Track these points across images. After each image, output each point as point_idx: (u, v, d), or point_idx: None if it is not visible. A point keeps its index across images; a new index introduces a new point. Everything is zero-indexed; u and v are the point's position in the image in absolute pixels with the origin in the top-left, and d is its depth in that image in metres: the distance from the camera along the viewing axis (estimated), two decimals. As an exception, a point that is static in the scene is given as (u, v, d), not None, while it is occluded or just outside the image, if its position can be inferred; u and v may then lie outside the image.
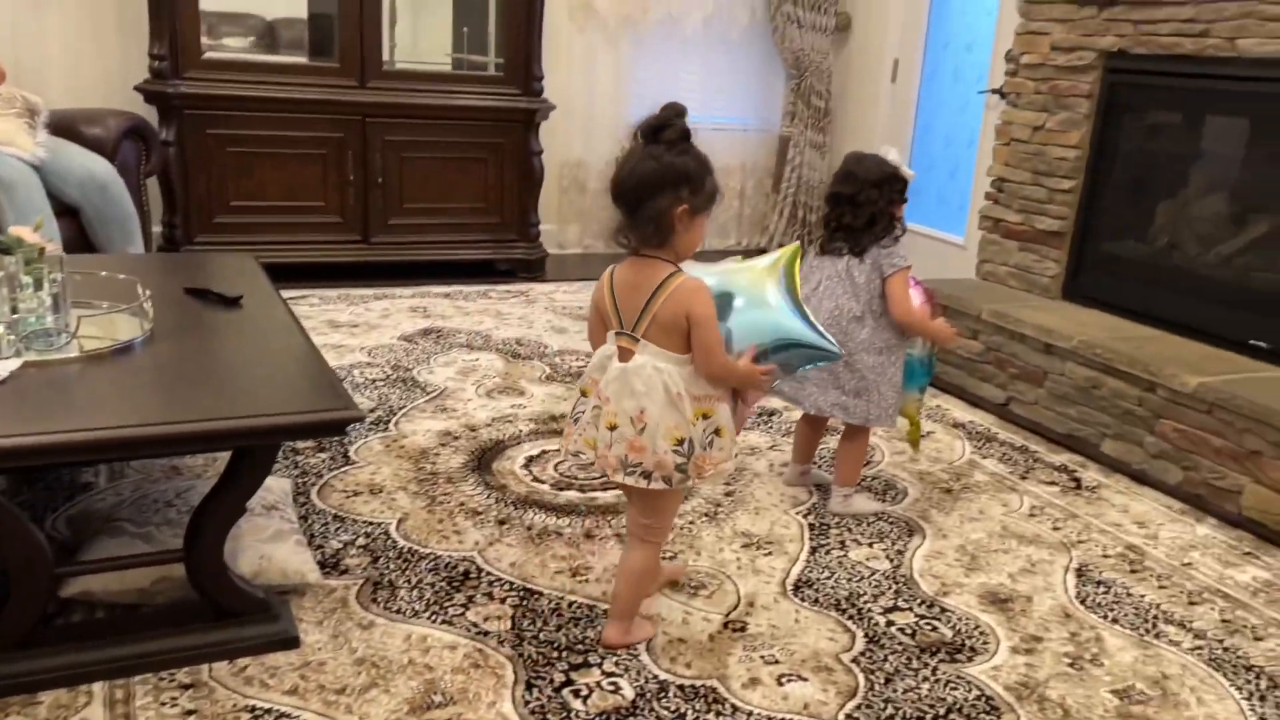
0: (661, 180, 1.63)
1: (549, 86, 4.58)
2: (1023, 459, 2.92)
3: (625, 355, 1.71)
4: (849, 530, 2.39)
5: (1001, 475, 2.79)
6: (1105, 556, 2.35)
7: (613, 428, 1.70)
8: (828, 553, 2.27)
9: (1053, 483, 2.76)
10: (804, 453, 2.61)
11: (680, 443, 1.68)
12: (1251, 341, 2.97)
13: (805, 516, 2.45)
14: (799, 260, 1.91)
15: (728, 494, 2.53)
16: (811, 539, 2.33)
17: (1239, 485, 2.63)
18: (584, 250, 5.26)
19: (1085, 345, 3.08)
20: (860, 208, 2.32)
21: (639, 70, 5.14)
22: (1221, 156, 3.32)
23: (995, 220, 3.88)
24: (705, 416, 1.71)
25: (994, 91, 4.16)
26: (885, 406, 2.38)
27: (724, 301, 1.78)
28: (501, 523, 2.29)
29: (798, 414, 2.64)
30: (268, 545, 1.99)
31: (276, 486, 2.27)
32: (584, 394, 1.79)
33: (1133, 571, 2.28)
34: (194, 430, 1.58)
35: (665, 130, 1.65)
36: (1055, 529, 2.47)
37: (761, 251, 2.22)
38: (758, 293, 1.85)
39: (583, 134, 5.07)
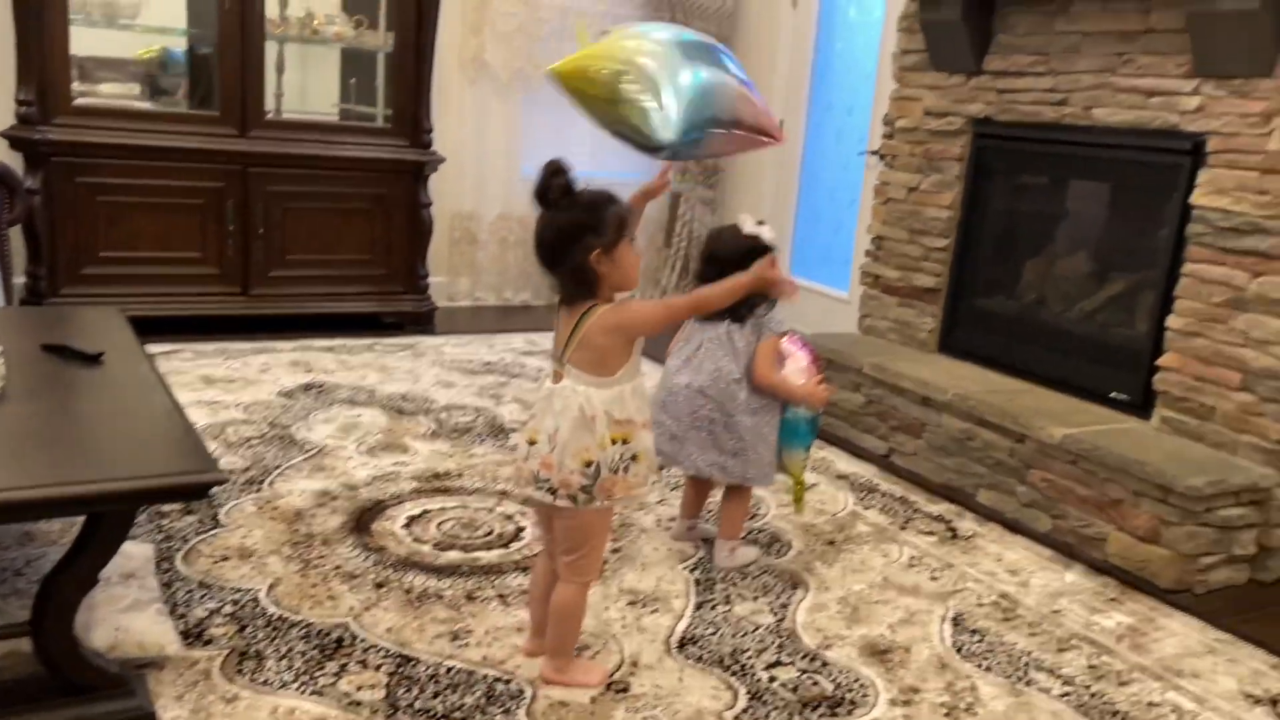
0: (561, 239, 1.73)
1: (440, 138, 4.57)
2: (903, 509, 2.99)
3: (555, 377, 1.81)
4: (734, 585, 2.40)
5: (883, 526, 2.84)
6: (980, 605, 2.41)
7: (532, 443, 1.80)
8: (713, 608, 2.27)
9: (931, 532, 2.83)
10: (692, 507, 2.61)
11: (588, 465, 1.75)
12: (1112, 394, 3.11)
13: (692, 572, 2.44)
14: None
15: (614, 550, 2.51)
16: (697, 595, 2.33)
17: (1103, 533, 2.74)
18: (474, 303, 5.21)
19: (960, 398, 3.18)
20: None
21: (532, 124, 5.17)
22: (1082, 217, 3.50)
23: (875, 276, 4.00)
24: (624, 441, 1.78)
25: (873, 153, 4.32)
26: (762, 466, 2.43)
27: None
28: (379, 586, 2.22)
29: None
30: (125, 616, 1.89)
31: (137, 553, 2.16)
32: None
33: (1005, 619, 2.35)
34: (41, 496, 1.50)
35: (548, 194, 1.73)
36: (933, 579, 2.53)
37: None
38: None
39: (475, 186, 5.06)
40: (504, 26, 4.91)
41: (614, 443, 1.77)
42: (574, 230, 1.72)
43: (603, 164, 5.35)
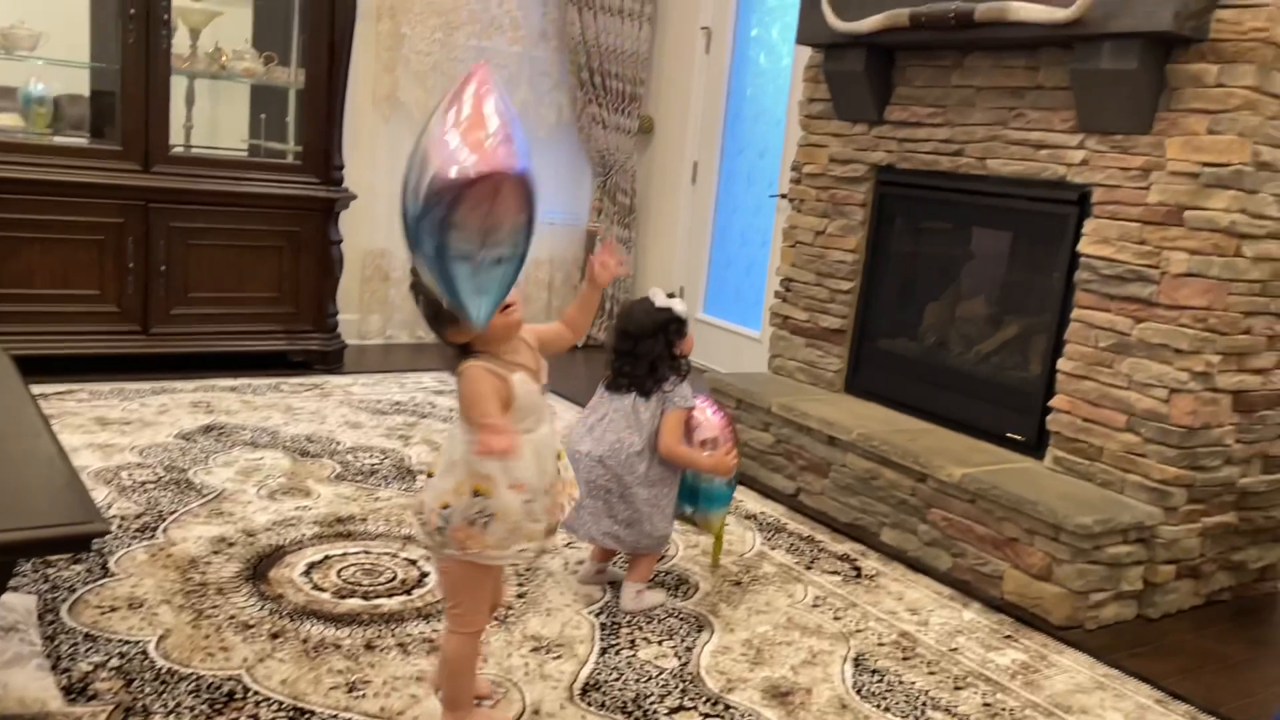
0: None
1: (352, 175, 4.53)
2: (809, 549, 3.03)
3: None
4: (639, 628, 2.40)
5: (789, 566, 2.88)
6: (880, 644, 2.45)
7: (430, 475, 1.80)
8: (618, 653, 2.27)
9: (835, 572, 2.87)
10: (602, 551, 2.62)
11: (445, 507, 1.72)
12: (1009, 434, 3.22)
13: (598, 616, 2.44)
14: None
15: (520, 595, 2.49)
16: (602, 639, 2.32)
17: (1000, 571, 2.82)
18: (386, 341, 5.16)
19: (864, 438, 3.25)
20: (639, 359, 2.42)
21: (445, 163, 5.16)
22: (981, 263, 3.63)
23: (784, 317, 4.07)
24: (480, 494, 1.71)
25: (782, 196, 4.42)
26: (655, 537, 2.49)
27: None
28: (275, 636, 2.17)
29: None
30: (4, 671, 1.82)
31: (18, 604, 2.07)
32: None
33: (905, 659, 2.39)
34: (-94, 551, 1.43)
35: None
36: (836, 618, 2.56)
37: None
38: None
39: (387, 224, 5.02)
40: (418, 65, 4.91)
41: (474, 494, 1.71)
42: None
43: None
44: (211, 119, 4.63)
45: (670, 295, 2.50)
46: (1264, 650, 2.68)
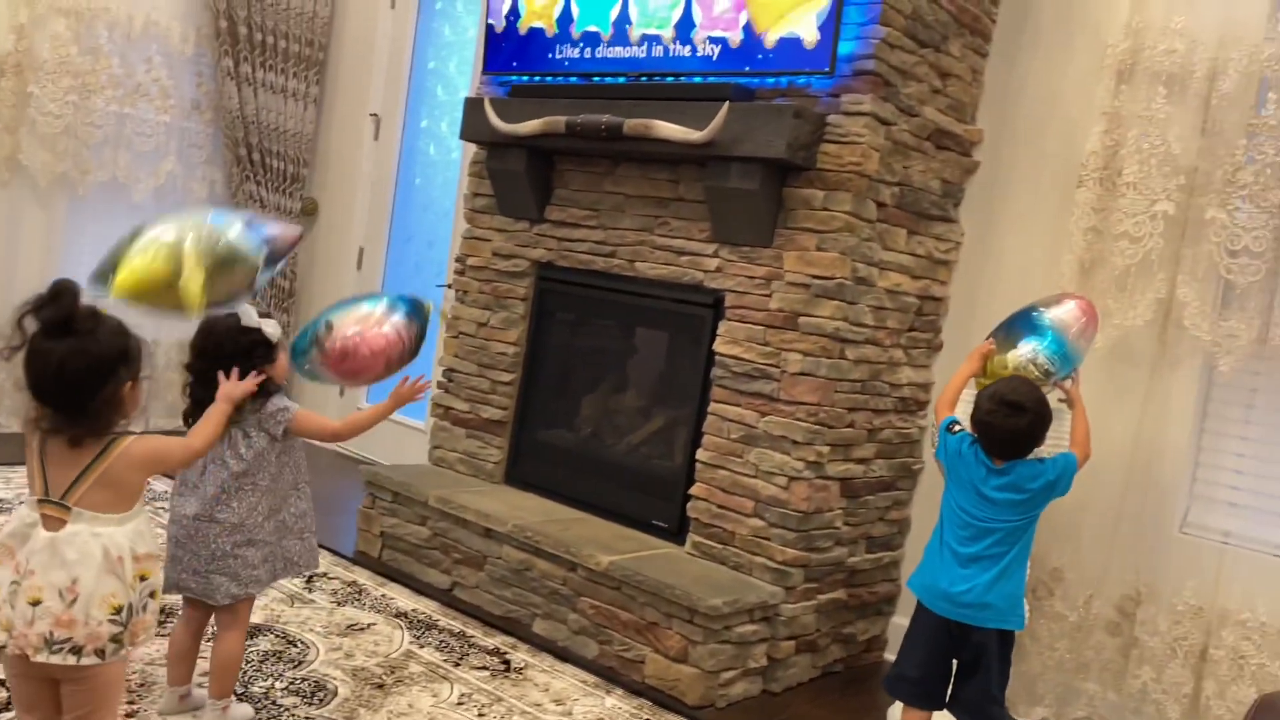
0: (95, 371, 1.62)
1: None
2: (459, 645, 2.98)
3: (52, 524, 1.64)
4: (267, 743, 2.22)
5: (436, 664, 2.81)
6: (524, 739, 2.44)
7: (36, 603, 1.60)
8: (239, 773, 2.09)
9: (484, 667, 2.84)
10: (181, 667, 2.33)
11: (118, 610, 1.64)
12: (654, 521, 3.38)
13: (220, 732, 2.23)
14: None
15: (129, 715, 2.23)
16: (222, 759, 2.13)
17: (642, 655, 2.92)
18: (-8, 429, 4.54)
19: (519, 529, 3.28)
20: (211, 384, 2.08)
21: (79, 234, 4.71)
22: (632, 358, 3.83)
23: (446, 408, 4.05)
24: (143, 578, 1.69)
25: (449, 286, 4.44)
26: (291, 559, 2.35)
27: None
28: None
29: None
30: None
31: None
32: None
33: (546, 751, 2.40)
34: None
35: (73, 320, 1.62)
36: (480, 715, 2.53)
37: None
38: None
39: (2, 298, 4.47)
40: (47, 128, 4.47)
41: (141, 579, 1.67)
42: (114, 360, 1.64)
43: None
44: None
45: (264, 315, 2.23)
46: (869, 716, 2.96)
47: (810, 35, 2.98)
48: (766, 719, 2.81)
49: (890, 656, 3.30)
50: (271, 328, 2.23)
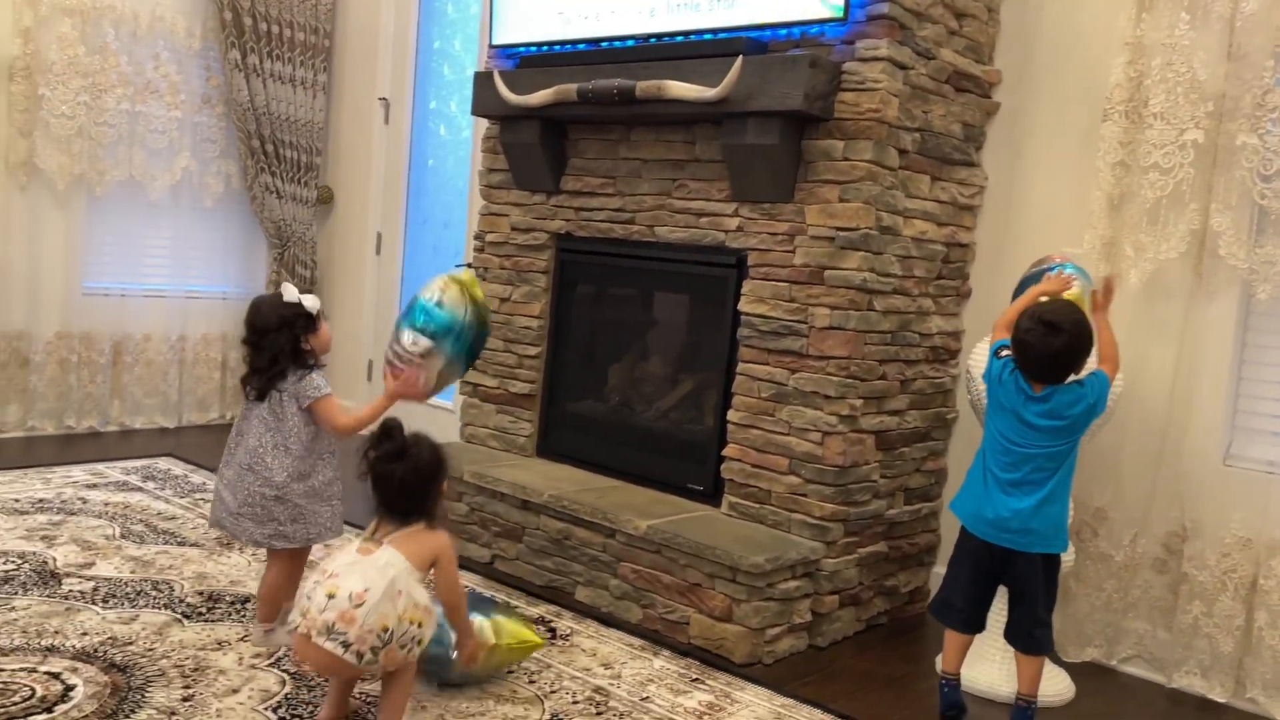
0: (424, 481, 2.12)
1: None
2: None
3: (365, 551, 2.04)
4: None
5: (483, 636, 2.82)
6: (574, 703, 2.45)
7: (331, 596, 1.95)
8: (296, 748, 2.11)
9: (530, 636, 2.85)
10: (268, 610, 2.57)
11: (385, 631, 1.95)
12: (689, 485, 3.37)
13: (276, 710, 2.25)
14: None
15: (185, 699, 2.26)
16: (279, 736, 2.15)
17: (686, 617, 2.92)
18: (27, 433, 4.58)
19: (555, 499, 3.28)
20: (262, 351, 2.47)
21: (97, 236, 4.73)
22: (656, 324, 3.81)
23: (474, 385, 4.05)
24: (416, 623, 2.02)
25: (468, 265, 4.42)
26: (322, 524, 2.54)
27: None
28: None
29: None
30: None
31: None
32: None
33: (598, 714, 2.40)
34: None
35: (405, 449, 2.11)
36: (530, 682, 2.54)
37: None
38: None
39: (27, 303, 4.50)
40: (60, 130, 4.48)
41: (412, 623, 2.00)
42: (437, 469, 2.15)
43: (184, 276, 5.01)
44: None
45: (305, 292, 2.54)
46: (916, 666, 2.95)
47: (821, -17, 2.93)
48: (813, 673, 2.80)
49: (934, 607, 3.29)
50: (310, 301, 2.52)
